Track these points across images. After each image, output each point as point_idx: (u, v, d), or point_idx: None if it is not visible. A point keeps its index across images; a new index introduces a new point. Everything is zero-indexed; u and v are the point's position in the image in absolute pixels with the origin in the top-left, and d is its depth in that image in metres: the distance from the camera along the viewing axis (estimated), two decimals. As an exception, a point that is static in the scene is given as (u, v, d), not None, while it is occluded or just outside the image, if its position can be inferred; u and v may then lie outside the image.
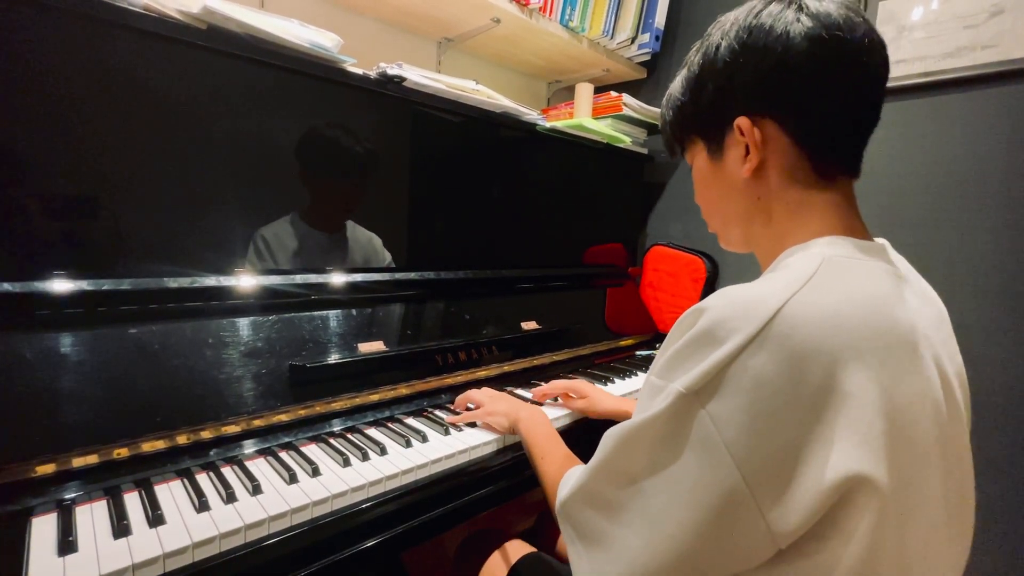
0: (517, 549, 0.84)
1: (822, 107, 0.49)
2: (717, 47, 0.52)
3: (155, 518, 0.59)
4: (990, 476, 1.14)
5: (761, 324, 0.40)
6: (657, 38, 1.61)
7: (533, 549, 0.84)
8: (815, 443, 0.39)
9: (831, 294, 0.42)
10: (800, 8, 0.49)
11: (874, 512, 0.39)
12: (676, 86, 0.59)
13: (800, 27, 0.48)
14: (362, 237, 1.04)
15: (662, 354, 0.47)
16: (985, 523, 1.15)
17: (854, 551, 0.39)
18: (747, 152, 0.52)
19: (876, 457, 0.39)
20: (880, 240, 0.54)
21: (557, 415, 1.00)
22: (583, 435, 1.00)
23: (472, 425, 0.92)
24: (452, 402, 1.02)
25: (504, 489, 0.86)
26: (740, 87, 0.51)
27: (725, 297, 0.43)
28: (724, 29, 0.52)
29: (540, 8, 1.37)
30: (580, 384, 1.03)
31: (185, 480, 0.68)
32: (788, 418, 0.39)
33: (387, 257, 1.08)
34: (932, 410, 0.44)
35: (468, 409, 0.96)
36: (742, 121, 0.51)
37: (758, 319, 0.40)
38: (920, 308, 0.48)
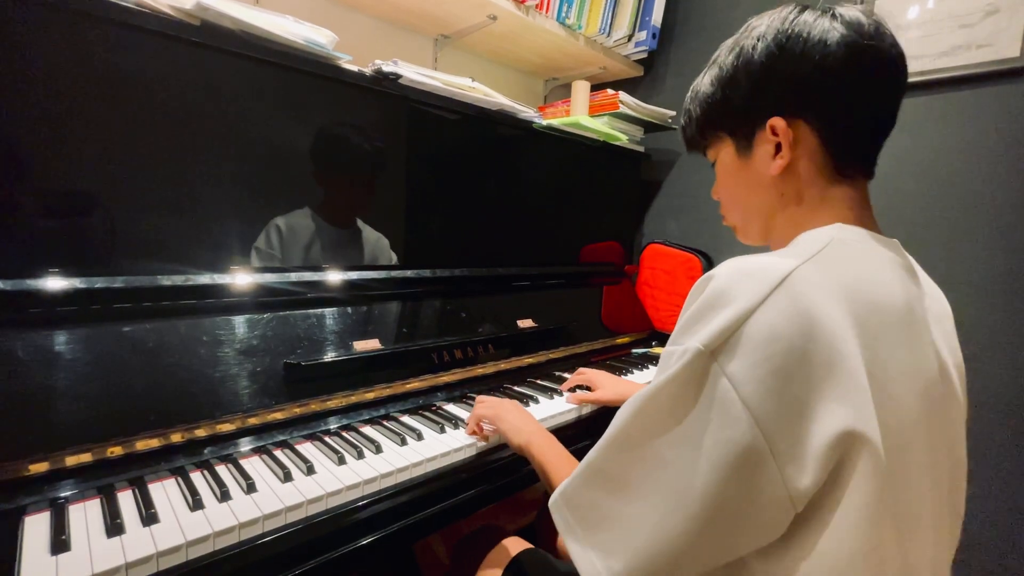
0: (515, 545, 0.84)
1: (853, 111, 0.51)
2: (754, 48, 0.54)
3: (149, 517, 0.59)
4: (989, 474, 1.15)
5: (773, 285, 0.42)
6: (654, 36, 1.60)
7: (531, 545, 0.84)
8: (822, 399, 0.40)
9: (835, 267, 0.44)
10: (834, 16, 0.51)
11: (872, 472, 0.40)
12: (705, 83, 0.60)
13: (836, 34, 0.50)
14: (371, 236, 1.04)
15: (677, 325, 0.48)
16: (985, 522, 1.15)
17: (858, 508, 0.40)
18: (776, 151, 0.54)
19: (868, 416, 0.41)
20: (892, 239, 0.55)
21: (567, 408, 1.02)
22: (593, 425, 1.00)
23: (456, 426, 0.91)
24: (448, 400, 1.02)
25: (501, 486, 0.86)
26: (776, 88, 0.53)
27: (733, 264, 0.45)
28: (760, 32, 0.54)
29: (537, 5, 1.36)
30: (593, 376, 1.08)
31: (179, 479, 0.68)
32: (801, 374, 0.40)
33: (393, 258, 1.08)
34: (922, 386, 0.46)
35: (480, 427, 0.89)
36: (777, 121, 0.53)
37: (770, 281, 0.42)
38: (921, 297, 0.50)
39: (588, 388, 1.09)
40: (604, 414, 1.06)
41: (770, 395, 0.40)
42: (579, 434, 1.01)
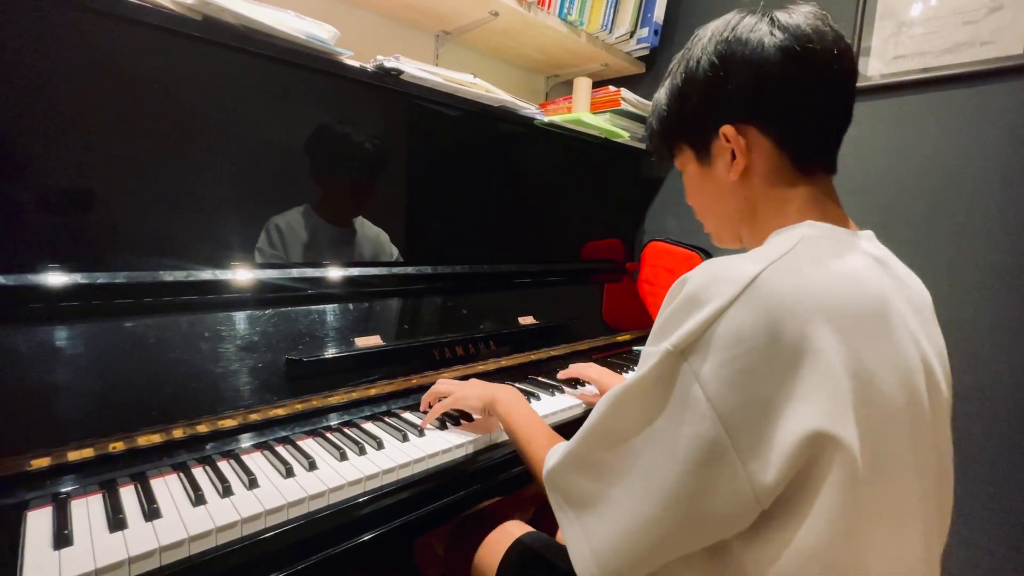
0: (517, 528, 0.84)
1: (799, 113, 0.53)
2: (698, 60, 0.56)
3: (151, 512, 0.59)
4: (988, 473, 1.15)
5: (741, 287, 0.43)
6: (656, 32, 1.60)
7: (532, 528, 0.84)
8: (789, 398, 0.42)
9: (806, 265, 0.46)
10: (772, 22, 0.53)
11: (843, 472, 0.41)
12: (661, 96, 0.63)
13: (773, 40, 0.52)
14: (371, 232, 1.04)
15: (654, 327, 0.50)
16: (984, 521, 1.16)
17: (828, 508, 0.41)
18: (733, 157, 0.56)
19: (843, 415, 0.41)
20: (865, 232, 0.56)
21: (570, 404, 1.03)
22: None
23: (457, 423, 0.92)
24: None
25: (503, 482, 0.86)
26: (722, 98, 0.55)
27: (707, 267, 0.47)
28: (703, 43, 0.57)
29: (538, 2, 1.36)
30: (589, 370, 1.09)
31: (181, 474, 0.68)
32: (765, 373, 0.42)
33: (394, 253, 1.08)
34: (901, 377, 0.46)
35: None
36: (727, 129, 0.55)
37: (738, 283, 0.44)
38: (896, 289, 0.51)
39: (580, 382, 1.14)
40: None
41: (734, 393, 0.42)
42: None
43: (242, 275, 0.85)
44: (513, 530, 0.83)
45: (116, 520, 0.57)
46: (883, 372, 0.45)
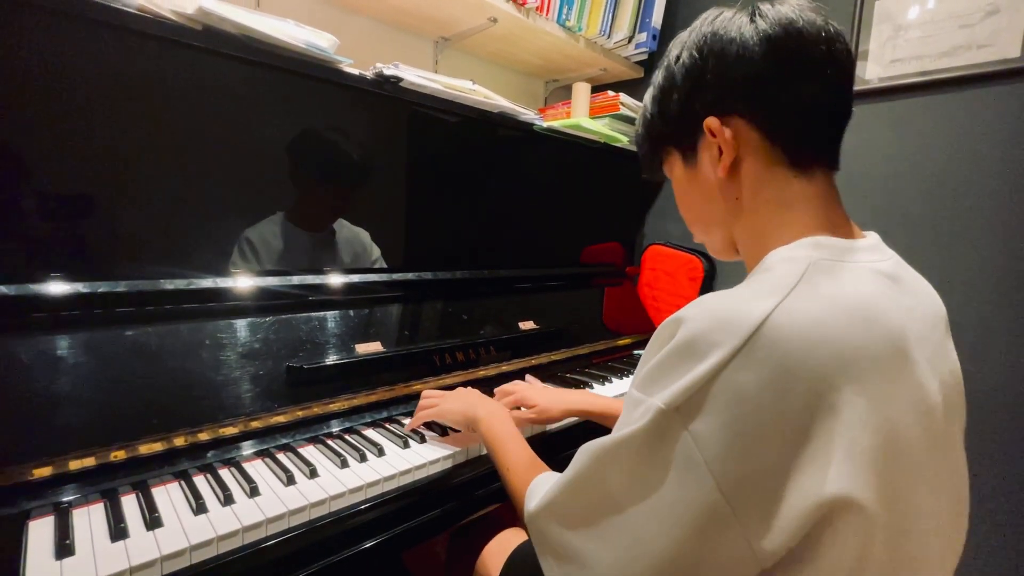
0: (516, 536, 0.83)
1: (785, 98, 0.50)
2: (678, 57, 0.54)
3: (152, 520, 0.59)
4: (988, 474, 1.15)
5: (744, 338, 0.39)
6: (654, 37, 1.60)
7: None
8: (799, 463, 0.38)
9: (816, 302, 0.41)
10: (754, 12, 0.51)
11: (859, 533, 0.38)
12: (645, 103, 0.61)
13: (753, 27, 0.50)
14: (349, 233, 1.03)
15: (642, 366, 0.46)
16: (984, 520, 1.15)
17: (841, 562, 0.38)
18: (720, 153, 0.52)
19: (863, 476, 0.38)
20: (869, 234, 0.53)
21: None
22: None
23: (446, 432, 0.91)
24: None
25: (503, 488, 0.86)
26: (703, 90, 0.52)
27: (705, 307, 0.42)
28: (682, 41, 0.55)
29: (537, 7, 1.36)
30: (523, 393, 0.93)
31: (182, 482, 0.68)
32: (771, 437, 0.38)
33: (375, 252, 1.07)
34: (924, 418, 0.43)
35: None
36: (711, 121, 0.52)
37: (741, 332, 0.39)
38: (912, 309, 0.47)
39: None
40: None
41: (736, 460, 0.38)
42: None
43: (243, 282, 0.85)
44: (514, 537, 0.83)
45: (118, 529, 0.57)
46: (906, 418, 0.41)
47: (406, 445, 0.82)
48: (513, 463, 0.68)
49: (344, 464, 0.75)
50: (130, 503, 0.63)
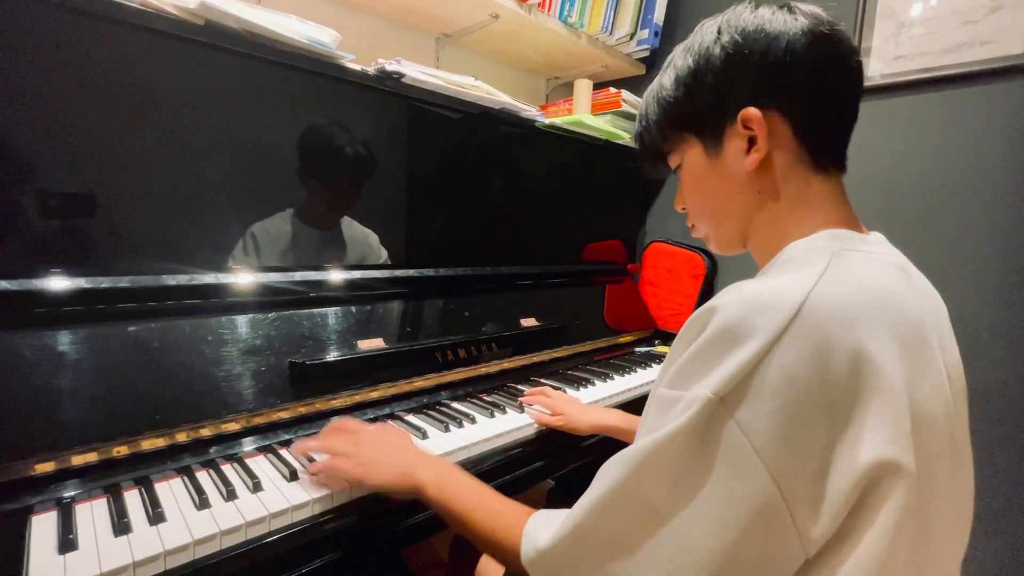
0: None
1: (822, 100, 0.50)
2: (716, 41, 0.52)
3: (155, 516, 0.59)
4: (987, 473, 1.15)
5: (787, 319, 0.38)
6: (656, 34, 1.60)
7: None
8: (845, 439, 0.38)
9: (847, 286, 0.41)
10: (792, 10, 0.51)
11: (901, 494, 0.38)
12: (663, 85, 0.58)
13: (798, 23, 0.50)
14: (358, 234, 1.03)
15: (670, 363, 0.44)
16: (984, 520, 1.15)
17: (878, 541, 0.37)
18: (749, 145, 0.51)
19: (905, 440, 0.38)
20: (874, 233, 0.54)
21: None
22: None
23: (461, 425, 0.91)
24: (453, 399, 1.01)
25: (508, 483, 0.86)
26: (745, 77, 0.51)
27: (737, 294, 0.41)
28: (719, 26, 0.53)
29: (539, 4, 1.36)
30: (559, 402, 0.96)
31: (185, 478, 0.68)
32: (820, 417, 0.37)
33: (383, 254, 1.07)
34: (944, 404, 0.43)
35: (312, 461, 0.71)
36: (751, 112, 0.50)
37: (783, 314, 0.38)
38: (922, 301, 0.48)
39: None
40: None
41: (787, 445, 0.37)
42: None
43: (245, 278, 0.85)
44: None
45: (121, 524, 0.57)
46: (931, 402, 0.41)
47: (408, 441, 0.82)
48: (490, 515, 0.57)
49: (347, 460, 0.75)
50: (133, 498, 0.63)
